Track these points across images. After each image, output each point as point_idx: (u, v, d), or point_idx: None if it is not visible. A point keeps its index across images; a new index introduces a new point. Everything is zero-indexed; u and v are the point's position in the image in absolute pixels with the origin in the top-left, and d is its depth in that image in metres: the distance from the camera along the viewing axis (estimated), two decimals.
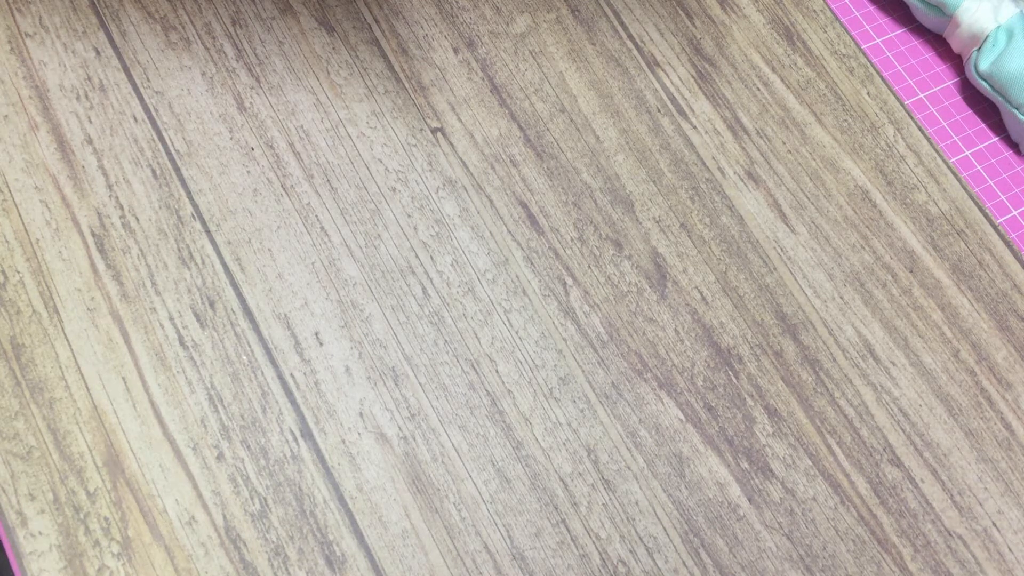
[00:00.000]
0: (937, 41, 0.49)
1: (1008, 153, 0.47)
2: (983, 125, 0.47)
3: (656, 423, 0.38)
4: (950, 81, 0.48)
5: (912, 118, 0.46)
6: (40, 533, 0.33)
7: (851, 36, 0.47)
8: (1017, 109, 0.45)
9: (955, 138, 0.47)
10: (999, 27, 0.46)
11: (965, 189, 0.44)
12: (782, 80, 0.46)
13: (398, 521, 0.35)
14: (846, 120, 0.45)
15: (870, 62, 0.47)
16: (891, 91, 0.46)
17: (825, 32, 0.47)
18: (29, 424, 0.34)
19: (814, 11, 0.48)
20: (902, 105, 0.46)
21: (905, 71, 0.48)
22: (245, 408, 0.36)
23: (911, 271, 0.43)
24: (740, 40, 0.46)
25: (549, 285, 0.40)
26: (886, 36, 0.49)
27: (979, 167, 0.46)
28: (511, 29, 0.45)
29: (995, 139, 0.47)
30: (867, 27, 0.49)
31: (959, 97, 0.48)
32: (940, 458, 0.39)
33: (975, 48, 0.46)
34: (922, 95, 0.48)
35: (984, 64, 0.45)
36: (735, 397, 0.39)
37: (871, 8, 0.49)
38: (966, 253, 0.43)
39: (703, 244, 0.42)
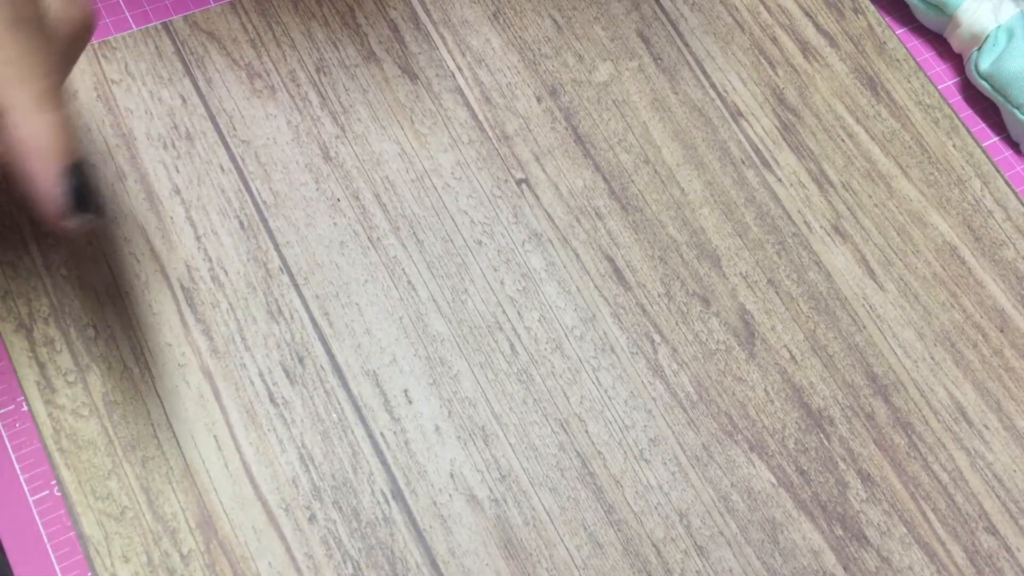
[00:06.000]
0: (937, 41, 0.49)
1: (1008, 153, 0.47)
2: (983, 125, 0.47)
3: (748, 487, 0.37)
4: (950, 81, 0.48)
5: (999, 171, 0.45)
6: None
7: (935, 87, 0.47)
8: (1017, 109, 0.45)
9: None
10: (999, 27, 0.45)
11: None
12: (867, 131, 0.45)
13: None
14: (932, 173, 0.45)
15: (955, 113, 0.46)
16: (977, 143, 0.46)
17: (909, 82, 0.47)
18: (122, 483, 0.34)
19: (897, 60, 0.47)
20: (988, 158, 0.45)
21: None
22: (336, 468, 0.36)
23: (1002, 331, 0.42)
24: (823, 90, 0.46)
25: (637, 342, 0.39)
26: None
27: None
28: (594, 77, 0.44)
29: (995, 139, 0.47)
30: None
31: (959, 97, 0.48)
32: None
33: (975, 48, 0.46)
34: None
35: (984, 64, 0.45)
36: (827, 461, 0.38)
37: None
38: None
39: (791, 301, 0.41)
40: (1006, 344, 0.42)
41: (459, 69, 0.43)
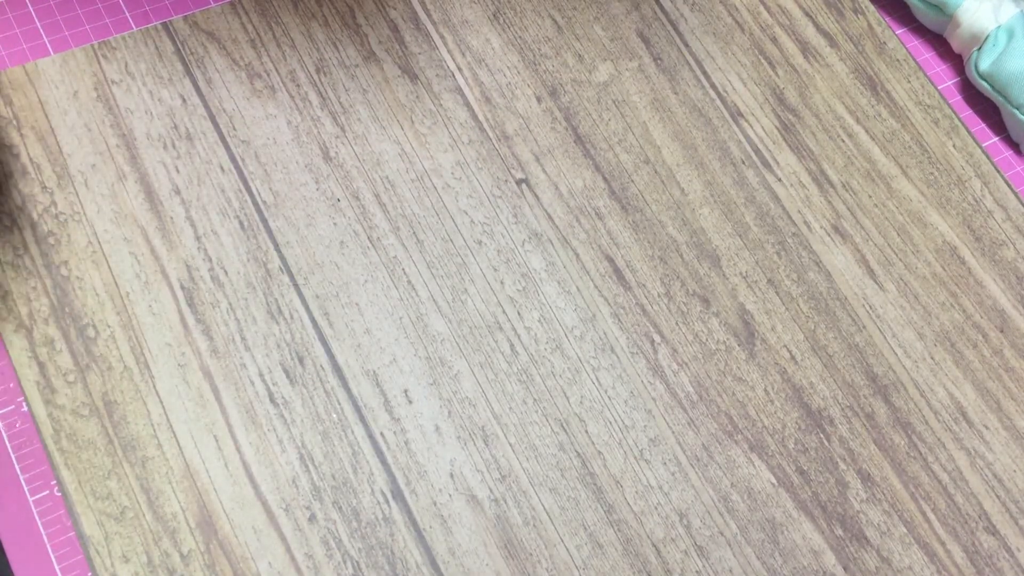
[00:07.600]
0: (937, 41, 0.49)
1: (1008, 153, 0.47)
2: (983, 125, 0.47)
3: (748, 487, 0.37)
4: (950, 81, 0.48)
5: (999, 171, 0.45)
6: None
7: (935, 87, 0.47)
8: (1017, 109, 0.45)
9: None
10: (999, 27, 0.45)
11: None
12: (867, 131, 0.45)
13: None
14: (932, 173, 0.45)
15: (955, 113, 0.46)
16: (977, 144, 0.46)
17: (909, 82, 0.47)
18: (122, 483, 0.34)
19: (897, 60, 0.47)
20: (988, 158, 0.45)
21: None
22: (336, 468, 0.36)
23: (1001, 331, 0.42)
24: (823, 90, 0.46)
25: (637, 342, 0.39)
26: None
27: None
28: (593, 78, 0.44)
29: (995, 139, 0.47)
30: None
31: (959, 97, 0.48)
32: None
33: (975, 48, 0.46)
34: None
35: (985, 64, 0.45)
36: (827, 461, 0.38)
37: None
38: None
39: (791, 301, 0.41)
40: (1006, 344, 0.42)
41: (459, 69, 0.43)
